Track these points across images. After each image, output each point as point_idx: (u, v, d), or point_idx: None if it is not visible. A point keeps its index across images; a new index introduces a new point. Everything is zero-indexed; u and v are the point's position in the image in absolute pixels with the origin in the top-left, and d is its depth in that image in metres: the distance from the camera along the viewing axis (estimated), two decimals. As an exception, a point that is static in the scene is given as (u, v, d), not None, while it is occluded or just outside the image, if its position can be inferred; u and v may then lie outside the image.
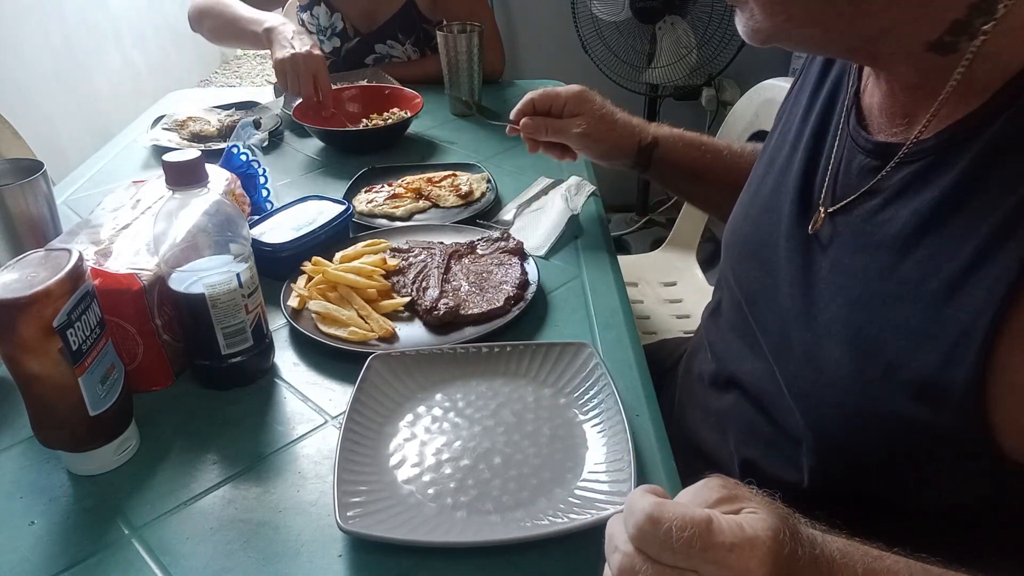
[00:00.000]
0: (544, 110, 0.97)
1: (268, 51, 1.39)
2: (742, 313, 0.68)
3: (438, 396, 0.69)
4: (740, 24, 0.54)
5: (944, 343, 0.47)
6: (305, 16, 1.68)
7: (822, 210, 0.60)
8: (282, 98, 1.44)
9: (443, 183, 1.09)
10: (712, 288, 0.84)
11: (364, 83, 1.48)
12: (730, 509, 0.42)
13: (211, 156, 0.87)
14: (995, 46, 0.46)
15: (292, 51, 1.33)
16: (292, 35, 1.36)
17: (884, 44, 0.50)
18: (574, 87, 0.97)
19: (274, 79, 1.51)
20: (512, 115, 1.00)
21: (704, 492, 0.43)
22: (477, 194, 1.07)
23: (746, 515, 0.41)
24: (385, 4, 1.61)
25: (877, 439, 0.53)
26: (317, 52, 1.33)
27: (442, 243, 0.92)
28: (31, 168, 0.83)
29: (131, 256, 0.72)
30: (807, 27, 0.51)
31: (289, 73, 1.32)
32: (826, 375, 0.55)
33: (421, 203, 1.06)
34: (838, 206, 0.58)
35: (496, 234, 0.93)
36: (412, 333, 0.79)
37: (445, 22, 1.41)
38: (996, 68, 0.47)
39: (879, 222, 0.54)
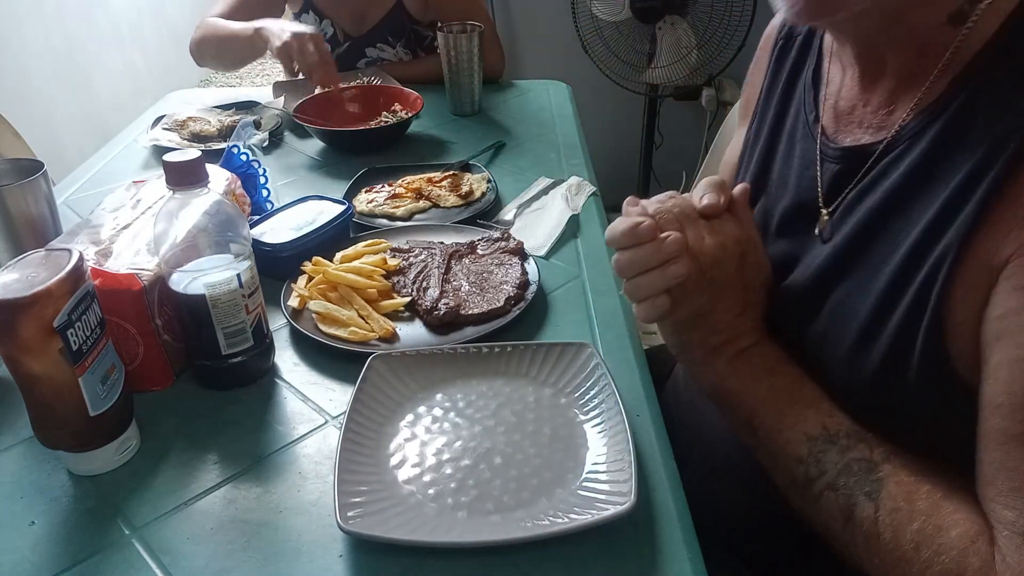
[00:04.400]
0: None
1: (269, 56, 1.40)
2: None
3: (438, 396, 0.69)
4: (784, 3, 0.54)
5: (907, 300, 0.52)
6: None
7: (823, 212, 0.62)
8: (282, 98, 1.44)
9: (443, 183, 1.09)
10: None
11: (364, 83, 1.48)
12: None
13: (211, 156, 0.87)
14: (984, 19, 0.50)
15: (290, 33, 1.35)
16: (283, 26, 1.39)
17: (917, 17, 0.53)
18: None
19: (272, 83, 1.52)
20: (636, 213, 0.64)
21: None
22: (477, 194, 1.07)
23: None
24: (374, 7, 1.61)
25: (882, 419, 0.56)
26: (315, 32, 1.36)
27: (442, 243, 0.92)
28: (31, 168, 0.83)
29: (131, 256, 0.72)
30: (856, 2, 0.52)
31: (295, 53, 1.34)
32: (832, 359, 0.58)
33: (421, 203, 1.06)
34: (822, 203, 0.62)
35: (496, 234, 0.93)
36: (412, 333, 0.79)
37: (441, 24, 1.41)
38: (972, 45, 0.51)
39: (857, 209, 0.58)
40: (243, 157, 1.01)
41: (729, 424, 0.64)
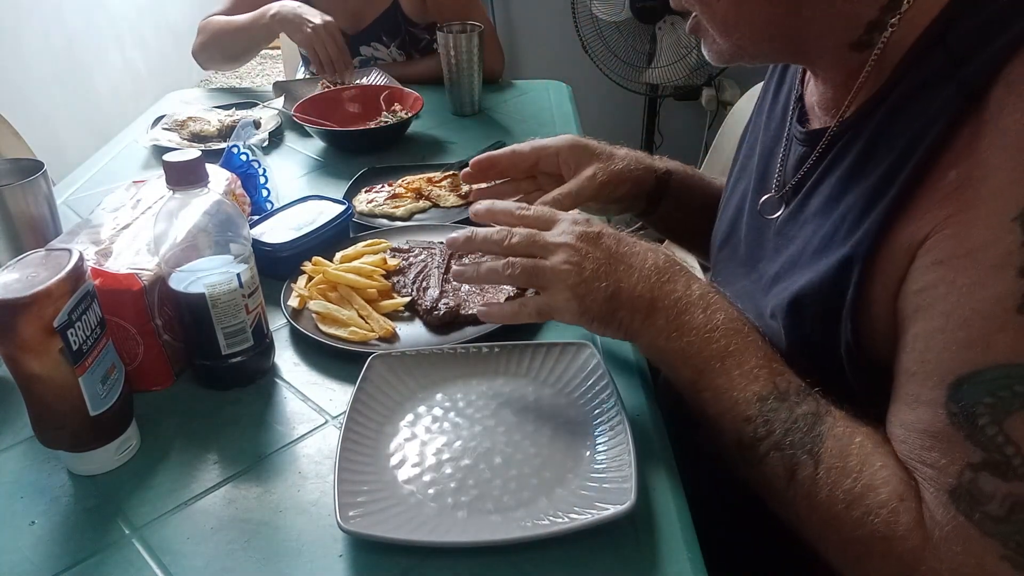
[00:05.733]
0: (524, 170, 0.87)
1: (267, 52, 1.40)
2: None
3: (438, 396, 0.69)
4: (705, 50, 0.63)
5: (836, 273, 0.55)
6: None
7: (776, 199, 0.67)
8: (282, 98, 1.44)
9: (443, 183, 1.09)
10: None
11: (364, 82, 1.48)
12: None
13: (211, 156, 0.87)
14: (898, 35, 0.54)
15: (312, 25, 1.41)
16: (297, 11, 1.44)
17: (815, 49, 0.59)
18: (564, 137, 0.85)
19: (273, 81, 1.53)
20: (471, 164, 0.87)
21: None
22: (477, 194, 1.07)
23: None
24: (370, 6, 1.62)
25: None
26: (329, 19, 1.43)
27: (442, 243, 0.92)
28: (31, 168, 0.83)
29: (131, 256, 0.72)
30: (757, 41, 0.59)
31: (317, 44, 1.41)
32: (768, 329, 0.62)
33: (421, 203, 1.06)
34: (785, 190, 0.66)
35: (496, 234, 0.93)
36: (412, 333, 0.79)
37: (441, 24, 1.41)
38: (898, 50, 0.55)
39: (813, 198, 0.61)
40: (243, 157, 1.01)
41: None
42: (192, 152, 0.65)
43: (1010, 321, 0.45)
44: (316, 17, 1.43)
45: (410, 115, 1.29)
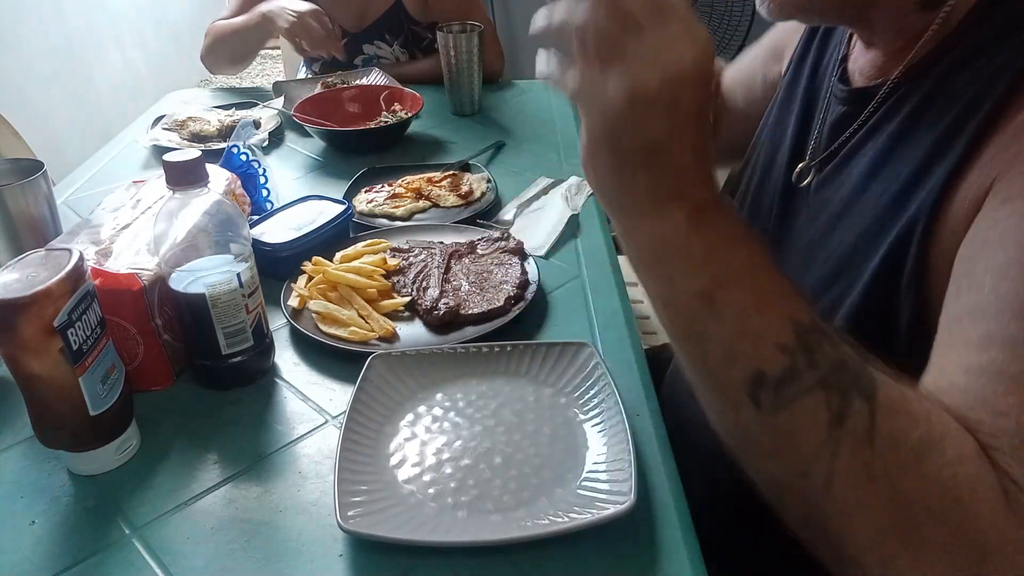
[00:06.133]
0: None
1: (266, 52, 1.42)
2: None
3: (438, 396, 0.69)
4: (766, 2, 0.57)
5: (897, 239, 0.51)
6: None
7: (810, 165, 0.65)
8: (282, 98, 1.44)
9: (443, 183, 1.09)
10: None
11: (364, 82, 1.48)
12: None
13: (211, 156, 0.87)
14: None
15: (292, 12, 1.45)
16: (283, 4, 1.48)
17: (884, 7, 0.55)
18: None
19: (273, 81, 1.54)
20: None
21: None
22: (477, 194, 1.07)
23: None
24: (373, 4, 1.63)
25: None
26: (313, 6, 1.47)
27: (442, 243, 0.92)
28: (31, 168, 0.83)
29: (131, 256, 0.72)
30: None
31: (301, 32, 1.45)
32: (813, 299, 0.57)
33: (421, 203, 1.06)
34: (823, 156, 0.63)
35: (496, 234, 0.93)
36: (412, 333, 0.79)
37: (441, 23, 1.42)
38: (961, 9, 0.52)
39: (856, 160, 0.59)
40: (243, 157, 1.01)
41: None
42: (192, 152, 0.65)
43: None
44: (300, 6, 1.46)
45: (410, 115, 1.29)
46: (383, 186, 1.10)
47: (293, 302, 0.81)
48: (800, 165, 0.66)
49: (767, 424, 0.45)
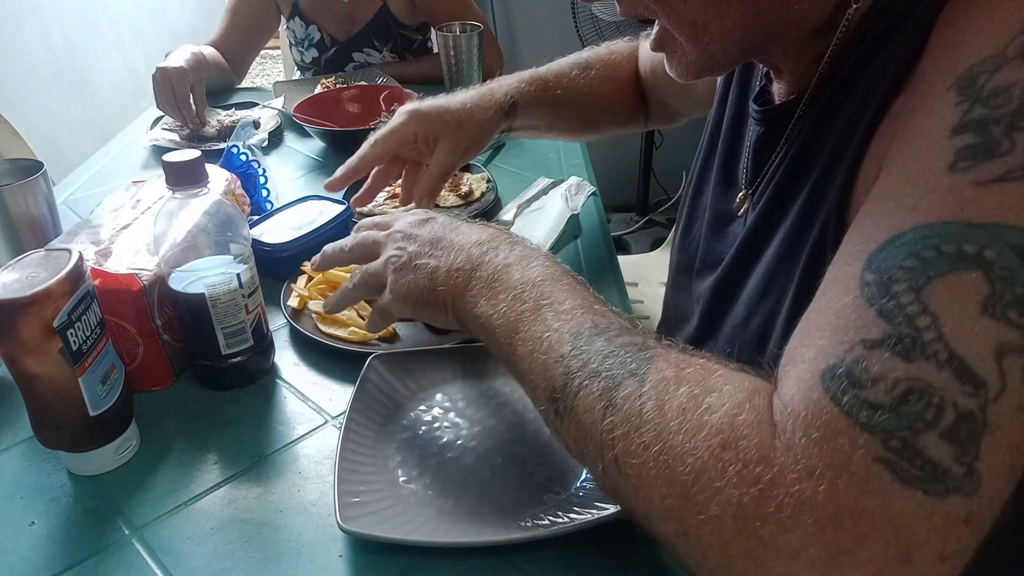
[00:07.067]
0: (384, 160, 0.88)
1: (266, 52, 1.40)
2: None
3: (438, 396, 0.69)
4: (672, 67, 0.58)
5: (811, 244, 0.52)
6: (283, 28, 1.73)
7: (743, 192, 0.65)
8: (282, 98, 1.44)
9: (443, 183, 1.09)
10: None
11: (364, 83, 1.48)
12: None
13: (211, 156, 0.87)
14: (861, 8, 0.51)
15: (161, 67, 1.30)
16: (169, 58, 1.34)
17: (783, 40, 0.55)
18: (399, 118, 0.87)
19: (273, 81, 1.52)
20: (327, 185, 0.88)
21: None
22: (477, 194, 1.07)
23: None
24: (360, 12, 1.62)
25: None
26: (184, 65, 1.31)
27: (442, 243, 0.92)
28: (31, 168, 0.83)
29: (131, 256, 0.72)
30: (728, 43, 0.54)
31: (155, 87, 1.30)
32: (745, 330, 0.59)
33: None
34: (749, 176, 0.64)
35: (496, 234, 0.93)
36: (412, 333, 0.79)
37: (433, 24, 1.41)
38: (854, 24, 0.52)
39: (778, 177, 0.59)
40: (243, 157, 1.01)
41: None
42: (192, 152, 0.65)
43: (941, 180, 0.39)
44: (177, 63, 1.32)
45: (410, 115, 1.29)
46: (383, 186, 1.09)
47: (293, 302, 0.81)
48: (739, 194, 0.67)
49: (568, 431, 0.47)
